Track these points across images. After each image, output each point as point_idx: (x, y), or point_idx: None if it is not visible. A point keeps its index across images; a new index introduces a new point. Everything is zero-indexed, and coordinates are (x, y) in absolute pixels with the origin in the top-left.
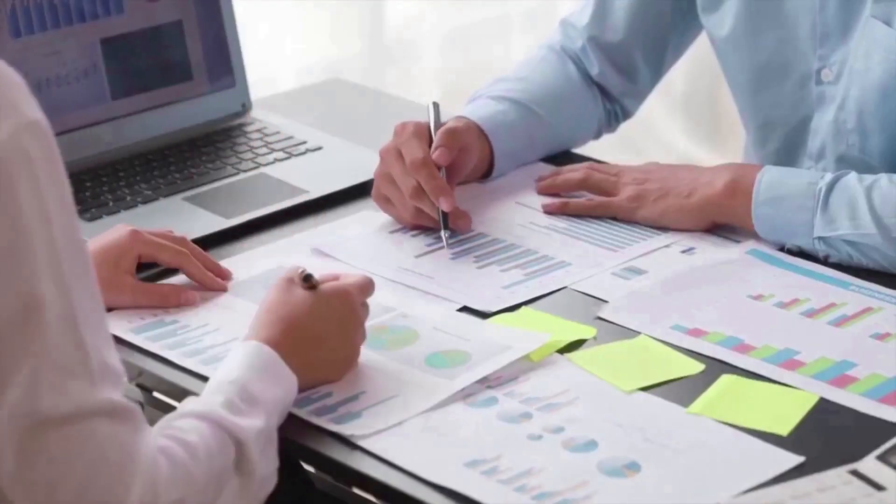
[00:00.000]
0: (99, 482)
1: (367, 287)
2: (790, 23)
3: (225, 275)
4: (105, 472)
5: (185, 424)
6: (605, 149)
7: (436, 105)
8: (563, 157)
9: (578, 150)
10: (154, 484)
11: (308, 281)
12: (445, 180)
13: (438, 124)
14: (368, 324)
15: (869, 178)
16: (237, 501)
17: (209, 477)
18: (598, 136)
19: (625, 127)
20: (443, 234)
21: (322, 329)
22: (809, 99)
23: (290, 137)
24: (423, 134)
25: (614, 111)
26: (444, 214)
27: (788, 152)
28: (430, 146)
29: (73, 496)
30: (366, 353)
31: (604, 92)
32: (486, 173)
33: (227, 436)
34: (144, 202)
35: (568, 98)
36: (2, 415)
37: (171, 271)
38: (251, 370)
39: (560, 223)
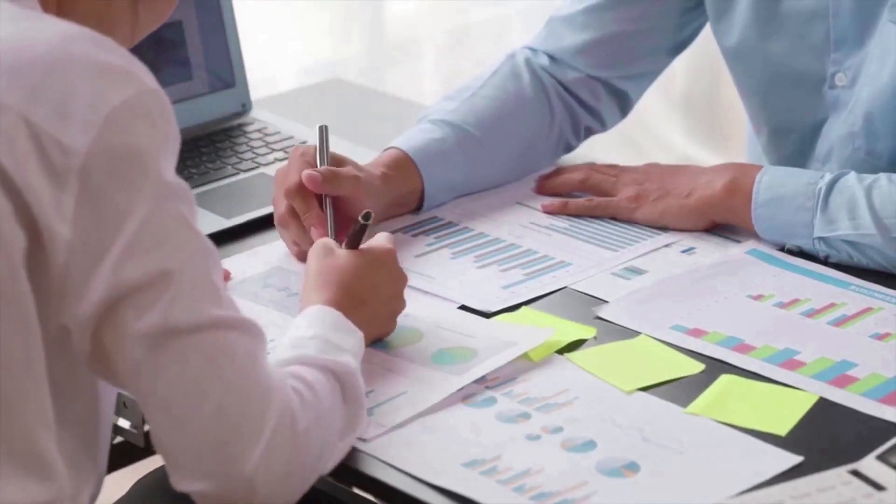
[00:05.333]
0: (239, 393)
1: (394, 242)
2: (801, 29)
3: (224, 275)
4: (244, 385)
5: (292, 370)
6: (606, 149)
7: (322, 129)
8: (562, 158)
9: (578, 150)
10: (290, 406)
11: (367, 219)
12: (328, 210)
13: (324, 148)
14: None
15: (869, 177)
16: (347, 431)
17: (328, 410)
18: (567, 150)
19: (625, 127)
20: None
21: (374, 286)
22: (823, 103)
23: (290, 137)
24: (310, 157)
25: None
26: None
27: (802, 156)
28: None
29: (216, 404)
30: (371, 352)
31: (579, 101)
32: (419, 205)
33: (331, 374)
34: None
35: (514, 117)
36: (136, 329)
37: None
38: (324, 326)
39: (560, 223)
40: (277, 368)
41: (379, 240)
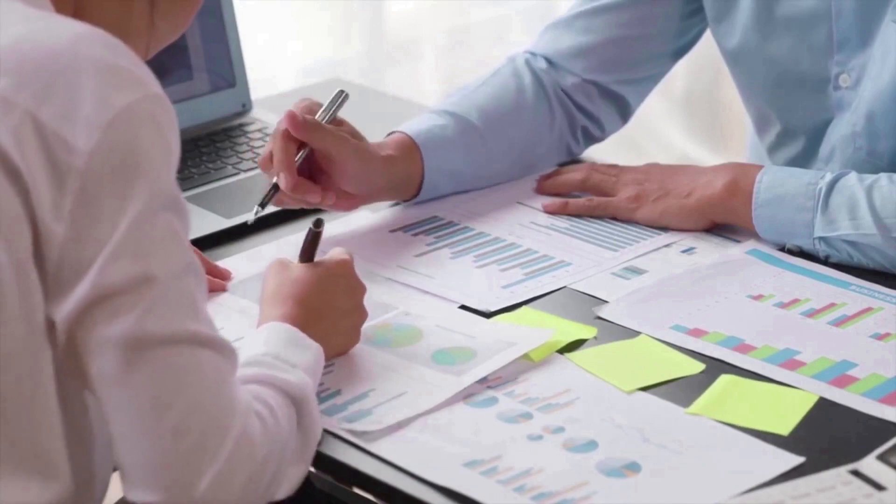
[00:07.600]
0: (202, 413)
1: (352, 259)
2: (803, 31)
3: (223, 275)
4: (208, 405)
5: (254, 391)
6: (606, 149)
7: (340, 93)
8: None
9: None
10: (251, 433)
11: (318, 226)
12: (302, 159)
13: (331, 110)
14: (371, 323)
15: (869, 177)
16: (299, 457)
17: (286, 437)
18: (569, 154)
19: (625, 127)
20: (256, 206)
21: (331, 299)
22: (827, 104)
23: None
24: (309, 110)
25: (591, 124)
26: (274, 189)
27: (806, 157)
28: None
29: (178, 419)
30: (372, 351)
31: (576, 104)
32: (417, 191)
33: (289, 398)
34: None
35: (515, 111)
36: (110, 333)
37: None
38: (278, 343)
39: (560, 223)
40: (242, 390)
41: (335, 252)
